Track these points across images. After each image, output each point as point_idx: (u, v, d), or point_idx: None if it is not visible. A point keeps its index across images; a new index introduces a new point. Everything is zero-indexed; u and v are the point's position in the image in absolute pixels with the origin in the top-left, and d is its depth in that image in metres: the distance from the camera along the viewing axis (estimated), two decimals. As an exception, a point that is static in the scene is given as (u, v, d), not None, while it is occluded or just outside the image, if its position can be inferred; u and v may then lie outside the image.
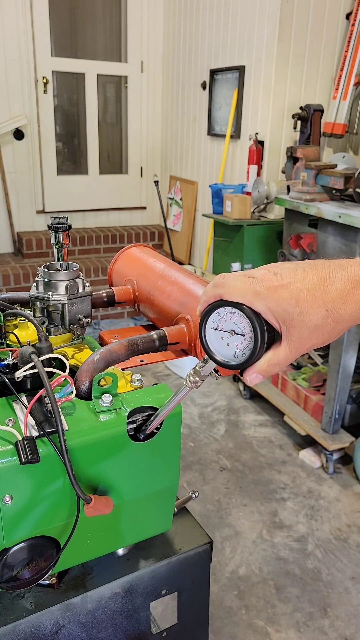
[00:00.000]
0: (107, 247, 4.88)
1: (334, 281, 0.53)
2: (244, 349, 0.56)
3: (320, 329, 0.53)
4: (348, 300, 0.52)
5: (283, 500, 2.46)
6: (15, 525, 0.66)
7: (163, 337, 0.85)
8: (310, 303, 0.53)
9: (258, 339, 0.54)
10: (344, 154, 3.24)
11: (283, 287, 0.54)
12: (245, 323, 0.55)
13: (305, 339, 0.54)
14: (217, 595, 1.97)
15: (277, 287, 0.54)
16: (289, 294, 0.53)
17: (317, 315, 0.53)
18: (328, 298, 0.53)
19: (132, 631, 0.84)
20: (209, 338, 0.58)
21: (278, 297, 0.53)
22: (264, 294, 0.54)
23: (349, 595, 1.98)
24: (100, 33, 4.91)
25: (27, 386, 0.78)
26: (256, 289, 0.54)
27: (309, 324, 0.53)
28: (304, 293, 0.53)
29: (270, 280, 0.54)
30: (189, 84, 4.53)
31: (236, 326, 0.56)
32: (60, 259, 0.93)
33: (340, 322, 0.53)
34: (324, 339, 0.55)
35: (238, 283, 0.55)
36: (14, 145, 4.61)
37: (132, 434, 0.73)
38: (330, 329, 0.54)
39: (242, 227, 3.24)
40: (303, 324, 0.53)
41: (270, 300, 0.54)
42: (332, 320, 0.53)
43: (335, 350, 2.55)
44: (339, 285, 0.53)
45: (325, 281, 0.53)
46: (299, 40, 3.38)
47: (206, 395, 3.35)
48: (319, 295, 0.53)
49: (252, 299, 0.54)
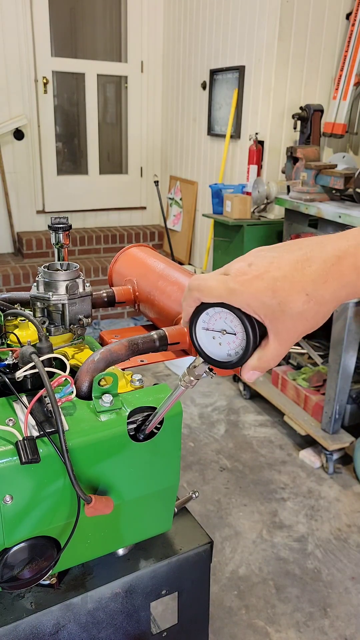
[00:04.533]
0: (107, 247, 4.88)
1: (312, 262, 0.50)
2: (237, 347, 0.54)
3: (303, 315, 0.50)
4: (328, 279, 0.49)
5: (283, 500, 2.46)
6: (15, 525, 0.66)
7: (163, 337, 0.85)
8: (288, 291, 0.49)
9: (250, 337, 0.52)
10: (344, 154, 3.24)
11: (257, 278, 0.50)
12: (235, 322, 0.53)
13: (291, 329, 0.51)
14: (217, 595, 1.97)
15: (252, 279, 0.51)
16: (264, 285, 0.50)
17: (298, 302, 0.49)
18: (307, 281, 0.49)
19: (132, 631, 0.84)
20: (201, 339, 0.56)
21: (254, 291, 0.50)
22: (239, 290, 0.51)
23: (349, 595, 1.98)
24: (100, 33, 4.91)
25: (28, 386, 0.78)
26: (230, 287, 0.51)
27: (291, 313, 0.50)
28: (281, 281, 0.49)
29: (245, 274, 0.51)
30: (189, 84, 4.53)
31: (227, 325, 0.54)
32: (60, 259, 0.93)
33: (323, 304, 0.50)
34: (310, 324, 0.51)
35: (212, 283, 0.53)
36: (14, 145, 4.61)
37: (133, 434, 0.73)
38: (314, 314, 0.50)
39: (242, 227, 3.24)
40: (284, 314, 0.50)
41: (247, 296, 0.51)
42: (315, 303, 0.49)
43: (335, 350, 2.55)
44: (318, 265, 0.49)
45: (302, 264, 0.50)
46: (299, 40, 3.39)
47: (206, 395, 3.35)
48: (296, 281, 0.49)
49: (229, 296, 0.51)
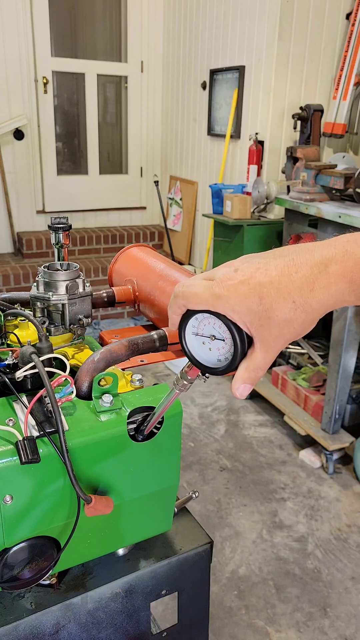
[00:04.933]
0: (107, 247, 4.88)
1: (299, 268, 0.48)
2: (226, 353, 0.53)
3: (289, 323, 0.49)
4: (315, 287, 0.48)
5: (283, 500, 2.46)
6: (15, 525, 0.66)
7: (163, 337, 0.85)
8: (274, 297, 0.48)
9: (237, 343, 0.52)
10: (344, 154, 3.24)
11: (243, 283, 0.49)
12: (224, 328, 0.52)
13: (278, 336, 0.50)
14: (217, 595, 1.97)
15: (237, 284, 0.49)
16: (250, 291, 0.49)
17: (284, 309, 0.48)
18: (293, 287, 0.48)
19: (132, 631, 0.84)
20: (191, 344, 0.56)
21: (240, 296, 0.49)
22: (224, 296, 0.50)
23: (349, 595, 1.98)
24: (100, 33, 4.91)
25: (28, 386, 0.78)
26: (215, 292, 0.50)
27: (278, 320, 0.49)
28: (267, 287, 0.48)
29: (230, 279, 0.50)
30: (189, 84, 4.53)
31: (215, 331, 0.53)
32: (60, 259, 0.93)
33: (310, 312, 0.49)
34: (296, 332, 0.50)
35: (197, 289, 0.52)
36: (14, 145, 4.61)
37: (133, 434, 0.73)
38: (301, 322, 0.49)
39: (242, 227, 3.24)
40: (271, 321, 0.49)
41: (233, 302, 0.50)
42: (302, 311, 0.48)
43: (335, 350, 2.55)
44: (305, 271, 0.48)
45: (289, 269, 0.48)
46: (299, 40, 3.38)
47: (206, 395, 3.35)
48: (283, 287, 0.48)
49: (214, 302, 0.51)
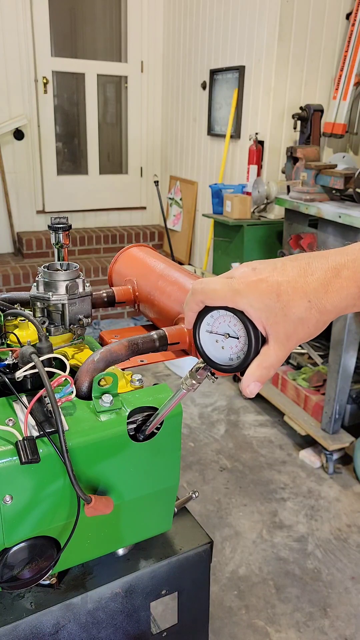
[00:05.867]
0: (107, 247, 4.88)
1: (314, 271, 0.51)
2: (239, 351, 0.54)
3: (304, 321, 0.51)
4: (329, 289, 0.50)
5: (283, 500, 2.46)
6: (15, 525, 0.66)
7: (163, 337, 0.85)
8: (291, 295, 0.51)
9: (252, 339, 0.53)
10: (344, 154, 3.24)
11: (262, 281, 0.52)
12: (239, 326, 0.53)
13: (292, 334, 0.52)
14: (217, 595, 1.97)
15: (256, 282, 0.52)
16: (269, 288, 0.51)
17: (300, 307, 0.51)
18: (309, 289, 0.51)
19: (132, 631, 0.84)
20: (204, 341, 0.56)
21: (258, 293, 0.52)
22: (244, 292, 0.52)
23: (349, 595, 1.98)
24: (100, 33, 4.91)
25: (28, 386, 0.78)
26: (235, 288, 0.53)
27: (293, 318, 0.51)
28: (285, 285, 0.51)
29: (249, 277, 0.53)
30: (189, 84, 4.53)
31: (230, 329, 0.54)
32: (60, 259, 0.93)
33: (324, 313, 0.51)
34: (309, 332, 0.53)
35: (217, 286, 0.54)
36: (14, 145, 4.61)
37: (132, 434, 0.73)
38: (315, 321, 0.52)
39: (242, 227, 3.24)
40: (287, 318, 0.51)
41: (251, 297, 0.52)
42: (316, 311, 0.51)
43: (335, 350, 2.55)
44: (320, 274, 0.51)
45: (305, 272, 0.51)
46: (299, 40, 3.39)
47: (206, 395, 3.35)
48: (299, 287, 0.51)
49: (233, 298, 0.53)
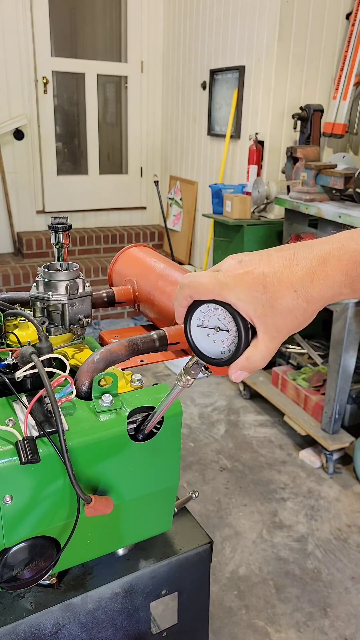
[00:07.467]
0: (107, 247, 4.88)
1: (300, 260, 0.52)
2: (230, 344, 0.55)
3: (292, 312, 0.52)
4: (315, 278, 0.51)
5: (283, 500, 2.46)
6: (15, 525, 0.66)
7: (163, 337, 0.85)
8: (277, 286, 0.51)
9: (242, 332, 0.53)
10: (344, 154, 3.24)
11: (248, 273, 0.53)
12: (229, 318, 0.54)
13: (281, 325, 0.53)
14: (217, 595, 1.97)
15: (242, 274, 0.53)
16: (255, 280, 0.52)
17: (287, 297, 0.51)
18: (295, 278, 0.51)
19: (132, 631, 0.84)
20: (195, 336, 0.57)
21: (245, 285, 0.52)
22: (230, 285, 0.53)
23: (349, 595, 1.98)
24: (100, 33, 4.91)
25: (28, 386, 0.78)
26: (222, 281, 0.53)
27: (280, 309, 0.52)
28: (270, 277, 0.52)
29: (235, 269, 0.53)
30: (189, 84, 4.53)
31: (220, 322, 0.55)
32: (60, 259, 0.93)
33: (311, 302, 0.52)
34: (298, 322, 0.53)
35: (204, 279, 0.54)
36: (14, 145, 4.61)
37: (132, 434, 0.73)
38: (302, 311, 0.52)
39: (242, 227, 3.24)
40: (274, 309, 0.52)
41: (238, 290, 0.52)
42: (303, 300, 0.51)
43: (335, 350, 2.55)
44: (305, 264, 0.51)
45: (290, 262, 0.52)
46: (299, 40, 3.38)
47: (206, 395, 3.35)
48: (285, 277, 0.51)
49: (220, 291, 0.53)
